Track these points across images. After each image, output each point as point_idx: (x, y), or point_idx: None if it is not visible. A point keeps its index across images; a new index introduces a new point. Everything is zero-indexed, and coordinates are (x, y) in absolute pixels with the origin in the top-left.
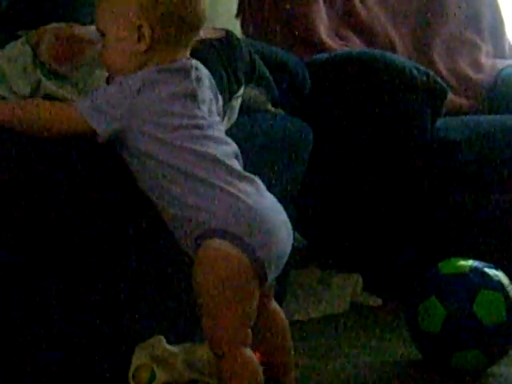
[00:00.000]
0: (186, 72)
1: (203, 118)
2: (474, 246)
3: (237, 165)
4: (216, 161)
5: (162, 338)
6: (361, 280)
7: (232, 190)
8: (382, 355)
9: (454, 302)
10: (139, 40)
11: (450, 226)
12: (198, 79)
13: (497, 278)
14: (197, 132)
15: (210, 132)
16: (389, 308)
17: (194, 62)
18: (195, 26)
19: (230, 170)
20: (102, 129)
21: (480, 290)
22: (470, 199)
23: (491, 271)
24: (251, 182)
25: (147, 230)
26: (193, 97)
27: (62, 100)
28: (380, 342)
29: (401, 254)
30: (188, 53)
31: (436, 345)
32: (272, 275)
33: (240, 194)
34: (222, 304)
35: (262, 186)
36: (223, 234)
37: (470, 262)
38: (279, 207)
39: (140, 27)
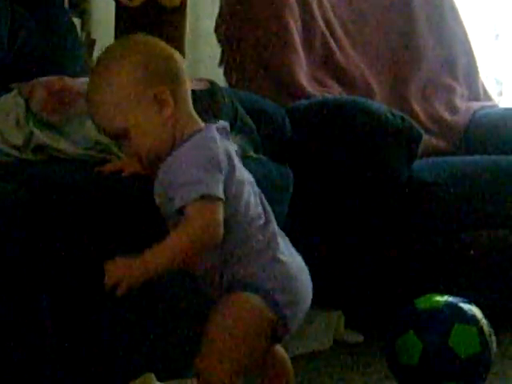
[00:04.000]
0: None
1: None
2: (448, 283)
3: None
4: (263, 219)
5: (153, 375)
6: (343, 317)
7: (274, 250)
8: None
9: (430, 335)
10: (162, 107)
11: (426, 263)
12: None
13: (471, 312)
14: (245, 184)
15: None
16: (370, 344)
17: None
18: (185, 79)
19: (273, 229)
20: (220, 193)
21: (455, 323)
22: (446, 238)
23: (465, 306)
24: (284, 238)
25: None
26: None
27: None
28: (362, 376)
29: (379, 290)
30: None
31: (414, 377)
32: (292, 329)
33: (279, 254)
34: (234, 352)
35: (289, 243)
36: (257, 289)
37: (445, 298)
38: (304, 265)
39: (156, 95)
